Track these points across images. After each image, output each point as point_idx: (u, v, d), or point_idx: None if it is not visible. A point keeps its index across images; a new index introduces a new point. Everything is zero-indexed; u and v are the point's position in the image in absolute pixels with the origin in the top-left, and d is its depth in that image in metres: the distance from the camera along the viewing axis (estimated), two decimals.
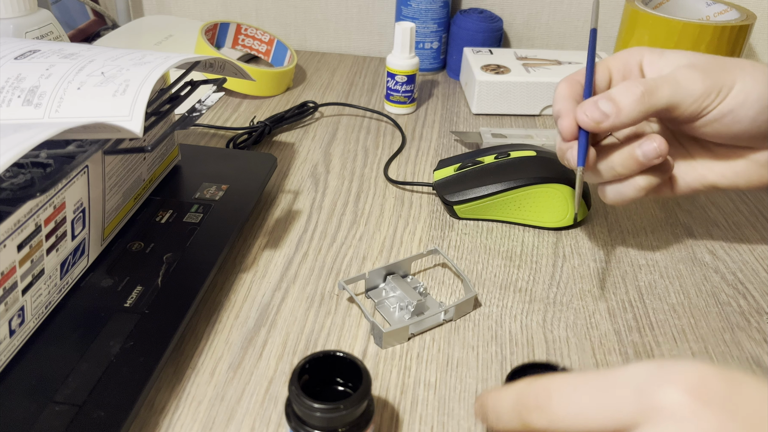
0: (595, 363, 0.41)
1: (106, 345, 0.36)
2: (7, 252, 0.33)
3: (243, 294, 0.45)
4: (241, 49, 0.83)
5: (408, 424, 0.36)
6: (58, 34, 0.58)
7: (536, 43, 0.88)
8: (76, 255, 0.40)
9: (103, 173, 0.42)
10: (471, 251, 0.51)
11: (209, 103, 0.41)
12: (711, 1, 0.75)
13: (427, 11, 0.80)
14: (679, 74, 0.42)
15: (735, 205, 0.58)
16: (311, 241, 0.51)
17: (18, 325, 0.35)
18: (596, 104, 0.41)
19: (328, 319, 0.43)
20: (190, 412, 0.37)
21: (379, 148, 0.65)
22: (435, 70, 0.86)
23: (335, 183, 0.59)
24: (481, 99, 0.72)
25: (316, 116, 0.72)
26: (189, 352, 0.40)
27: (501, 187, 0.52)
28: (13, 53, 0.39)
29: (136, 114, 0.34)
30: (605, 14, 0.85)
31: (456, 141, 0.67)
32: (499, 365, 0.40)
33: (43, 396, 0.33)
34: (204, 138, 0.66)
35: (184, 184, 0.51)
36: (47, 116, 0.34)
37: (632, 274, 0.49)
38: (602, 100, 0.41)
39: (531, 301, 0.46)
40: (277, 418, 0.36)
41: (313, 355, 0.32)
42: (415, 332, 0.42)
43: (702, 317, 0.45)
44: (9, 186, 0.36)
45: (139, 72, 0.37)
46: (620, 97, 0.41)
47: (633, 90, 0.41)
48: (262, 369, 0.39)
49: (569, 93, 0.44)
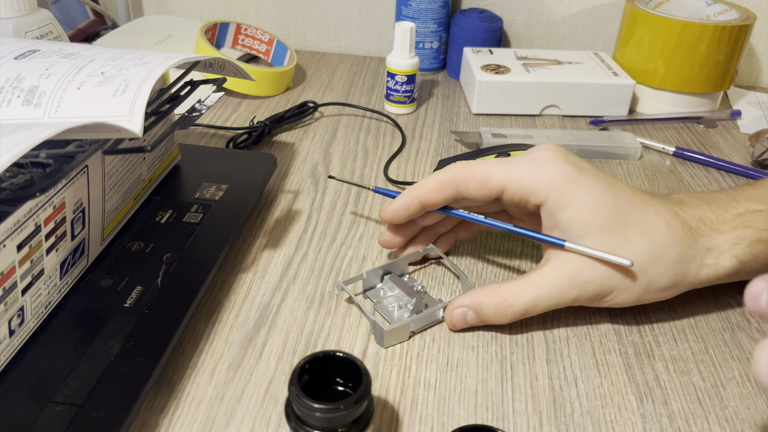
0: (595, 363, 0.41)
1: (105, 345, 0.36)
2: (7, 252, 0.33)
3: (243, 294, 0.45)
4: (240, 49, 0.83)
5: (408, 424, 0.36)
6: (58, 34, 0.58)
7: (536, 43, 0.88)
8: (75, 255, 0.40)
9: (103, 173, 0.42)
10: (471, 251, 0.51)
11: (209, 103, 0.41)
12: (711, 1, 0.75)
13: (427, 11, 0.80)
14: (558, 286, 0.41)
15: None
16: (311, 241, 0.51)
17: (18, 325, 0.35)
18: (464, 315, 0.42)
19: (328, 319, 0.43)
20: (190, 412, 0.37)
21: (379, 148, 0.65)
22: (435, 70, 0.86)
23: (335, 183, 0.59)
24: (481, 99, 0.72)
25: (316, 116, 0.72)
26: (189, 352, 0.40)
27: None
28: (13, 53, 0.39)
29: (135, 114, 0.34)
30: (605, 14, 0.85)
31: (456, 141, 0.67)
32: (499, 365, 0.40)
33: (43, 396, 0.33)
34: (204, 138, 0.66)
35: (184, 184, 0.51)
36: (47, 116, 0.34)
37: None
38: (470, 313, 0.42)
39: None
40: (277, 418, 0.36)
41: (313, 355, 0.32)
42: (416, 330, 0.42)
43: (702, 317, 0.45)
44: (9, 186, 0.36)
45: (139, 72, 0.37)
46: (487, 312, 0.41)
47: (500, 309, 0.41)
48: (262, 369, 0.39)
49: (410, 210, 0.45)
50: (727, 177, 0.63)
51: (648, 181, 0.61)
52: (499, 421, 0.37)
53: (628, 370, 0.40)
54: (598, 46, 0.87)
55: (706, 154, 0.65)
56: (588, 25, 0.86)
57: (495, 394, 0.38)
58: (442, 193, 0.43)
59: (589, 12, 0.85)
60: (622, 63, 0.76)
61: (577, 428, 0.36)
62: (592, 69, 0.74)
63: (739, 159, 0.66)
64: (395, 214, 0.45)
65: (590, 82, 0.72)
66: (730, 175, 0.63)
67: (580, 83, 0.72)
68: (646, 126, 0.73)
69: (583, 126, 0.72)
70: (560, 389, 0.39)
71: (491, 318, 0.41)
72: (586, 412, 0.37)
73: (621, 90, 0.72)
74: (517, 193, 0.41)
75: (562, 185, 0.40)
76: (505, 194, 0.42)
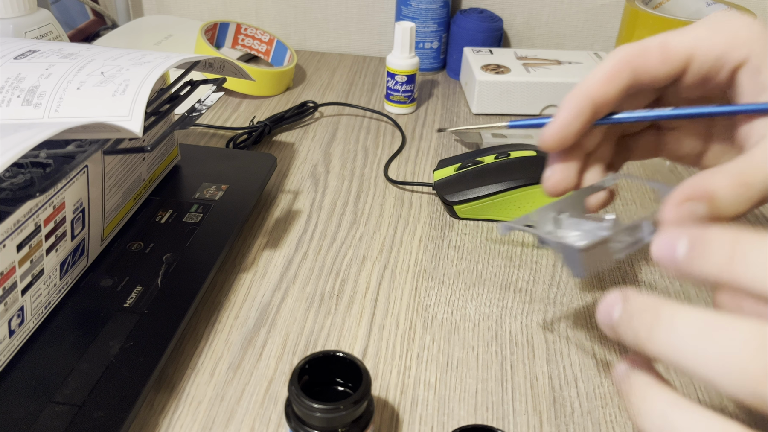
0: (595, 363, 0.41)
1: (105, 345, 0.36)
2: (7, 252, 0.33)
3: (243, 294, 0.45)
4: (240, 49, 0.83)
5: (408, 424, 0.36)
6: (58, 34, 0.58)
7: (536, 43, 0.88)
8: (75, 255, 0.40)
9: (103, 173, 0.42)
10: (471, 251, 0.51)
11: (209, 103, 0.41)
12: (711, 1, 0.75)
13: (427, 11, 0.80)
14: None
15: None
16: (311, 241, 0.51)
17: (18, 325, 0.35)
18: (692, 211, 0.29)
19: (328, 319, 0.43)
20: (190, 412, 0.37)
21: (379, 148, 0.65)
22: (435, 70, 0.86)
23: (335, 183, 0.59)
24: (481, 99, 0.72)
25: (316, 116, 0.72)
26: (189, 352, 0.40)
27: (501, 187, 0.52)
28: (13, 53, 0.39)
29: (135, 114, 0.34)
30: (605, 14, 0.85)
31: (456, 141, 0.67)
32: (499, 365, 0.40)
33: (43, 396, 0.33)
34: (204, 138, 0.66)
35: (184, 184, 0.51)
36: (47, 116, 0.34)
37: (632, 274, 0.49)
38: (681, 241, 0.24)
39: (531, 301, 0.46)
40: (277, 418, 0.36)
41: (313, 355, 0.32)
42: (620, 249, 0.32)
43: None
44: (9, 186, 0.36)
45: (139, 72, 0.37)
46: (723, 195, 0.29)
47: (740, 188, 0.29)
48: (261, 369, 0.39)
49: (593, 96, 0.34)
50: None
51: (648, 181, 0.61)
52: (499, 421, 0.37)
53: None
54: (598, 46, 0.87)
55: None
56: (588, 25, 0.86)
57: (495, 394, 0.38)
58: (616, 82, 0.33)
59: (589, 12, 0.85)
60: None
61: (577, 428, 0.36)
62: (592, 69, 0.74)
63: None
64: (565, 128, 0.33)
65: None
66: None
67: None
68: None
69: None
70: (560, 389, 0.39)
71: (730, 203, 0.28)
72: (586, 412, 0.37)
73: None
74: (709, 57, 0.32)
75: (765, 35, 0.31)
76: (694, 62, 0.32)
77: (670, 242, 0.23)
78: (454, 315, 0.44)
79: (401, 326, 0.43)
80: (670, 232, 0.23)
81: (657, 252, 0.24)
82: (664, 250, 0.23)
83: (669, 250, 0.23)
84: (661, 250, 0.24)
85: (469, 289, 0.47)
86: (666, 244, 0.23)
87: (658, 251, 0.24)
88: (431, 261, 0.49)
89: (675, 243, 0.23)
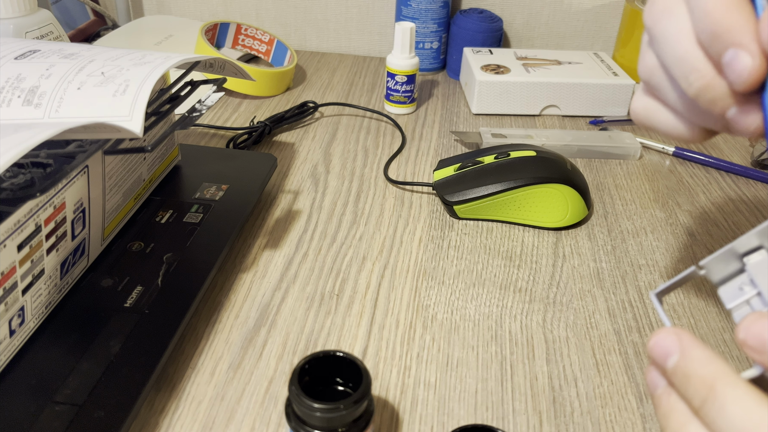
0: (595, 363, 0.41)
1: (106, 345, 0.36)
2: (7, 252, 0.33)
3: (243, 294, 0.45)
4: (241, 49, 0.83)
5: (408, 424, 0.36)
6: (58, 34, 0.58)
7: (536, 43, 0.88)
8: (76, 255, 0.40)
9: (103, 173, 0.42)
10: (471, 251, 0.51)
11: (209, 103, 0.41)
12: None
13: (427, 11, 0.80)
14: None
15: (735, 205, 0.58)
16: (311, 241, 0.51)
17: (18, 325, 0.35)
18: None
19: (328, 319, 0.43)
20: (190, 412, 0.37)
21: (379, 148, 0.65)
22: (435, 70, 0.86)
23: (335, 183, 0.59)
24: (481, 99, 0.72)
25: (316, 116, 0.72)
26: (189, 352, 0.40)
27: (501, 187, 0.52)
28: (13, 53, 0.39)
29: (136, 114, 0.34)
30: (605, 14, 0.85)
31: (456, 141, 0.67)
32: (499, 365, 0.40)
33: (43, 396, 0.33)
34: (204, 138, 0.66)
35: (184, 184, 0.51)
36: (47, 116, 0.34)
37: (632, 274, 0.49)
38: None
39: (531, 301, 0.46)
40: (277, 418, 0.37)
41: (313, 355, 0.32)
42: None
43: (702, 317, 0.45)
44: (9, 186, 0.36)
45: (139, 72, 0.37)
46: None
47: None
48: (262, 369, 0.40)
49: None
50: (726, 177, 0.63)
51: (648, 181, 0.61)
52: (499, 421, 0.37)
53: (628, 370, 0.40)
54: (598, 46, 0.87)
55: (705, 154, 0.65)
56: (588, 25, 0.86)
57: (495, 394, 0.38)
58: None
59: (589, 12, 0.85)
60: (622, 63, 0.76)
61: (577, 428, 0.36)
62: (592, 69, 0.74)
63: (739, 159, 0.66)
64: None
65: (590, 82, 0.72)
66: (729, 175, 0.63)
67: (579, 83, 0.72)
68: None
69: (583, 126, 0.72)
70: (560, 389, 0.39)
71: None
72: (586, 412, 0.37)
73: (621, 90, 0.72)
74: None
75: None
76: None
77: (664, 352, 0.24)
78: (454, 315, 0.44)
79: (401, 326, 0.43)
80: (666, 342, 0.24)
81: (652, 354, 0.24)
82: (658, 357, 0.24)
83: (662, 359, 0.24)
84: (654, 355, 0.24)
85: (469, 288, 0.47)
86: (660, 355, 0.24)
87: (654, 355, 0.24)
88: (431, 261, 0.49)
89: (667, 356, 0.24)
